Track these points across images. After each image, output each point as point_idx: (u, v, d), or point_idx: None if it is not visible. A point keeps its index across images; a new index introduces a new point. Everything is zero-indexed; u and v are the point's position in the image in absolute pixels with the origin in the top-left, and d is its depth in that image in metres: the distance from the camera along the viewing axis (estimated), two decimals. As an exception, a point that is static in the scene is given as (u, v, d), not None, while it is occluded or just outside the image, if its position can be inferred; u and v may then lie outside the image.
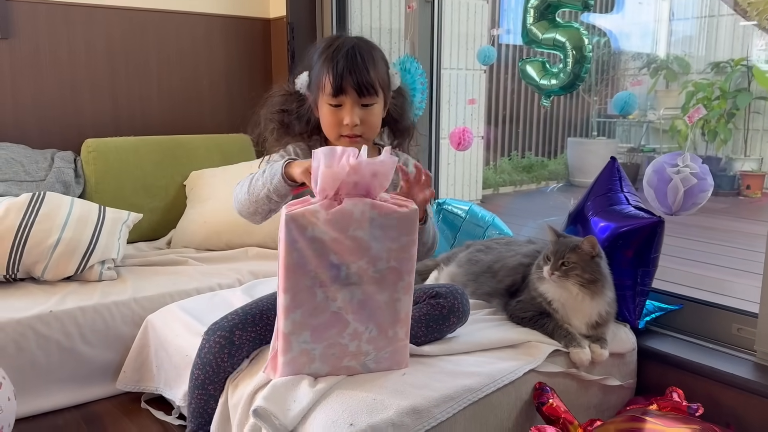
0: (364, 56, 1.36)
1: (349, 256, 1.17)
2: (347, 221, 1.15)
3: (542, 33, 1.84)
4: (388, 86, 1.46)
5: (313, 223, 1.14)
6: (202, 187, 2.56)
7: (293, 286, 1.17)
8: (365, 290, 1.20)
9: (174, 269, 2.16)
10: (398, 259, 1.20)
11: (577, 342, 1.46)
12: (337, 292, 1.19)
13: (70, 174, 2.42)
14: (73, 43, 2.58)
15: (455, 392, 1.25)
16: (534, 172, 6.21)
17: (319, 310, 1.20)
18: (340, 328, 1.23)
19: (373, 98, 1.39)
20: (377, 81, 1.38)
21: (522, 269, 1.61)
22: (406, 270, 1.21)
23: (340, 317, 1.22)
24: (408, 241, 1.19)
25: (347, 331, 1.23)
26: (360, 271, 1.19)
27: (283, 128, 1.50)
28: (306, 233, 1.14)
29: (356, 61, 1.35)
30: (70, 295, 1.86)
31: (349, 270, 1.18)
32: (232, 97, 3.01)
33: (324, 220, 1.14)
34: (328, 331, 1.22)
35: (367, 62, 1.36)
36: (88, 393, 1.83)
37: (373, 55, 1.40)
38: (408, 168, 1.38)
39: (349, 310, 1.21)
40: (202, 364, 1.37)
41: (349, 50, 1.36)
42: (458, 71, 4.49)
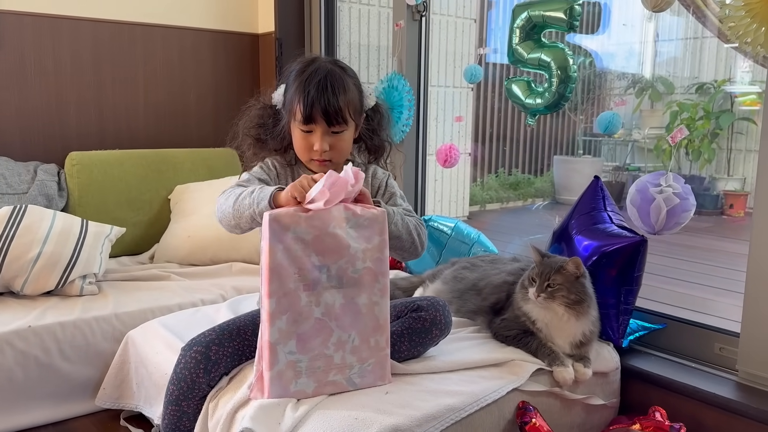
0: (335, 85, 1.38)
1: (329, 256, 1.23)
2: (327, 219, 1.22)
3: (528, 53, 1.86)
4: (360, 110, 1.48)
5: (296, 221, 1.20)
6: (186, 202, 2.54)
7: (277, 290, 1.20)
8: (346, 293, 1.25)
9: (157, 284, 2.14)
10: (373, 259, 1.27)
11: (560, 361, 1.46)
12: (320, 296, 1.23)
13: (53, 187, 2.40)
14: (59, 55, 2.56)
15: (438, 411, 1.24)
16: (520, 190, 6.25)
17: (304, 316, 1.22)
18: (324, 337, 1.24)
19: (342, 126, 1.41)
20: (347, 109, 1.40)
21: (506, 287, 1.61)
22: (381, 271, 1.27)
23: (324, 324, 1.24)
24: (380, 241, 1.27)
25: (332, 340, 1.25)
26: (340, 272, 1.24)
27: (259, 144, 1.53)
28: (288, 233, 1.20)
29: (327, 92, 1.37)
30: (50, 310, 1.83)
31: (330, 272, 1.23)
32: (218, 111, 3.00)
33: (305, 218, 1.21)
34: (314, 340, 1.24)
35: (338, 91, 1.38)
36: (66, 410, 1.80)
37: (345, 82, 1.41)
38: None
39: (332, 315, 1.24)
40: (177, 380, 1.35)
41: (321, 80, 1.38)
42: (445, 89, 4.53)
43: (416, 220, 1.45)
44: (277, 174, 1.50)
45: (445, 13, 4.55)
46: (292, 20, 2.91)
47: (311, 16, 2.94)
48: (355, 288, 1.26)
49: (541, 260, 1.50)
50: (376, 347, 1.29)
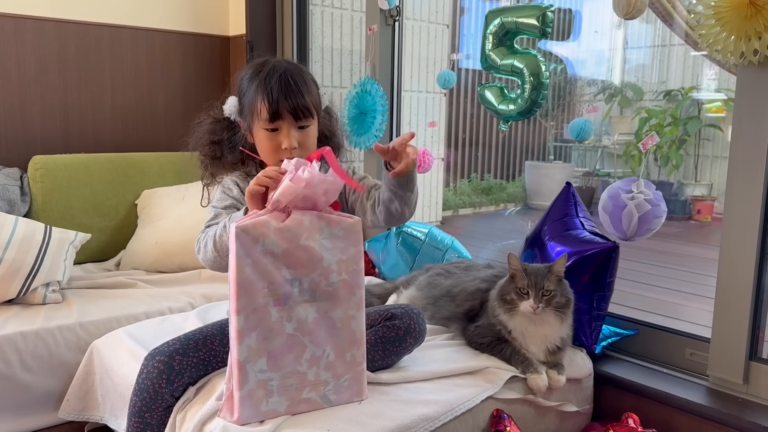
0: (296, 80, 1.37)
1: (301, 269, 1.17)
2: (298, 230, 1.16)
3: (501, 59, 1.86)
4: (320, 106, 1.47)
5: (265, 234, 1.14)
6: (154, 207, 2.49)
7: (246, 306, 1.14)
8: (320, 307, 1.20)
9: (123, 292, 2.09)
10: (348, 271, 1.21)
11: (534, 368, 1.46)
12: (292, 311, 1.18)
13: (16, 192, 2.33)
14: (22, 56, 2.49)
15: (412, 422, 1.23)
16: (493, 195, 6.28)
17: (275, 332, 1.17)
18: (297, 353, 1.19)
19: (308, 120, 1.40)
20: (311, 103, 1.39)
21: (480, 294, 1.60)
22: (356, 284, 1.22)
23: (297, 340, 1.19)
24: (356, 252, 1.21)
25: (305, 357, 1.20)
26: (313, 285, 1.19)
27: (215, 161, 1.50)
28: (257, 246, 1.14)
29: (290, 86, 1.36)
30: (11, 320, 1.77)
31: (302, 285, 1.18)
32: (188, 114, 2.91)
33: (275, 229, 1.14)
34: (285, 356, 1.19)
35: (301, 86, 1.37)
36: (28, 423, 1.74)
37: (305, 78, 1.41)
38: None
39: (306, 331, 1.19)
40: (140, 390, 1.32)
41: (282, 75, 1.36)
42: (419, 94, 4.53)
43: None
44: (241, 190, 1.46)
45: (418, 18, 4.55)
46: (263, 23, 2.87)
47: (283, 19, 2.91)
48: (329, 302, 1.21)
49: (523, 270, 1.48)
50: (352, 362, 1.25)
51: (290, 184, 1.12)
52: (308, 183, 1.13)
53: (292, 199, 1.14)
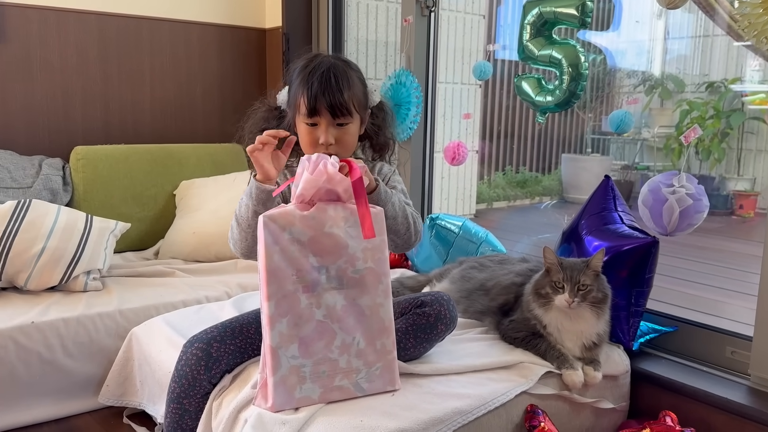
0: (338, 77, 1.37)
1: (328, 257, 1.20)
2: (323, 218, 1.20)
3: (538, 49, 1.83)
4: (365, 105, 1.46)
5: (291, 222, 1.18)
6: (192, 197, 2.53)
7: (276, 292, 1.18)
8: (347, 294, 1.22)
9: (161, 281, 2.12)
10: (374, 259, 1.23)
11: (569, 364, 1.44)
12: (320, 297, 1.20)
13: (58, 181, 2.39)
14: (64, 49, 2.55)
15: (445, 415, 1.22)
16: (528, 188, 6.20)
17: (305, 319, 1.19)
18: (327, 340, 1.21)
19: (347, 119, 1.39)
20: (351, 102, 1.38)
21: (515, 288, 1.59)
22: (383, 272, 1.24)
23: (327, 327, 1.21)
24: (380, 241, 1.23)
25: (335, 344, 1.22)
26: (340, 273, 1.21)
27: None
28: (284, 234, 1.18)
29: (330, 83, 1.36)
30: (53, 306, 1.82)
31: (329, 273, 1.21)
32: (225, 106, 2.98)
33: (300, 217, 1.18)
34: (316, 343, 1.20)
35: (341, 84, 1.37)
36: (69, 407, 1.79)
37: (348, 75, 1.40)
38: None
39: (335, 318, 1.21)
40: (178, 377, 1.34)
41: (324, 72, 1.37)
42: (453, 85, 4.49)
43: (414, 211, 1.42)
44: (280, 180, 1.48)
45: (454, 9, 4.51)
46: (299, 15, 2.89)
47: (318, 11, 2.91)
48: (356, 289, 1.23)
49: (559, 264, 1.46)
50: (383, 350, 1.26)
51: (311, 177, 1.17)
52: (329, 178, 1.17)
53: (315, 193, 1.19)
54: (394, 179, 1.51)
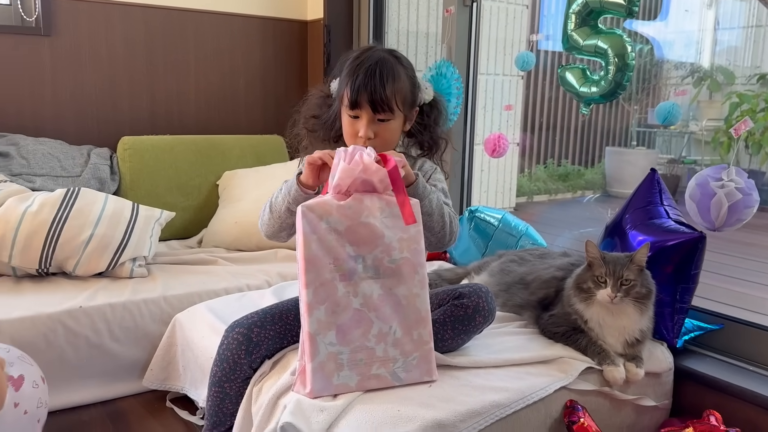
0: (384, 73, 1.36)
1: (364, 246, 1.22)
2: (359, 208, 1.22)
3: (583, 39, 1.79)
4: (411, 103, 1.45)
5: (328, 211, 1.21)
6: (234, 188, 2.57)
7: (314, 280, 1.20)
8: (384, 284, 1.24)
9: (204, 269, 2.16)
10: (410, 250, 1.25)
11: (611, 360, 1.41)
12: (357, 286, 1.22)
13: (106, 171, 2.45)
14: (112, 41, 2.61)
15: (482, 407, 1.22)
16: (570, 181, 6.10)
17: (342, 306, 1.22)
18: (364, 329, 1.23)
19: (387, 115, 1.38)
20: (394, 99, 1.38)
21: (555, 283, 1.57)
22: (419, 262, 1.26)
23: (363, 316, 1.22)
24: (416, 231, 1.25)
25: (372, 332, 1.23)
26: (376, 262, 1.23)
27: (311, 135, 1.53)
28: (322, 223, 1.21)
29: (374, 78, 1.35)
30: (100, 291, 1.87)
31: (366, 262, 1.23)
32: (266, 98, 3.01)
33: (337, 206, 1.21)
34: (353, 331, 1.22)
35: (386, 80, 1.36)
36: (114, 390, 1.84)
37: (396, 72, 1.39)
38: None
39: (371, 306, 1.23)
40: (220, 361, 1.37)
41: (371, 65, 1.36)
42: (494, 77, 4.44)
43: (452, 212, 1.41)
44: None
45: (496, 0, 4.46)
46: (341, 7, 2.89)
47: (360, 3, 2.91)
48: (392, 279, 1.24)
49: (602, 258, 1.44)
50: (420, 341, 1.26)
51: (347, 167, 1.20)
52: (365, 168, 1.20)
53: (351, 183, 1.21)
54: (435, 177, 1.50)
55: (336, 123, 1.47)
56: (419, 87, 1.46)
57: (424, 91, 1.47)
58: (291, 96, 2.98)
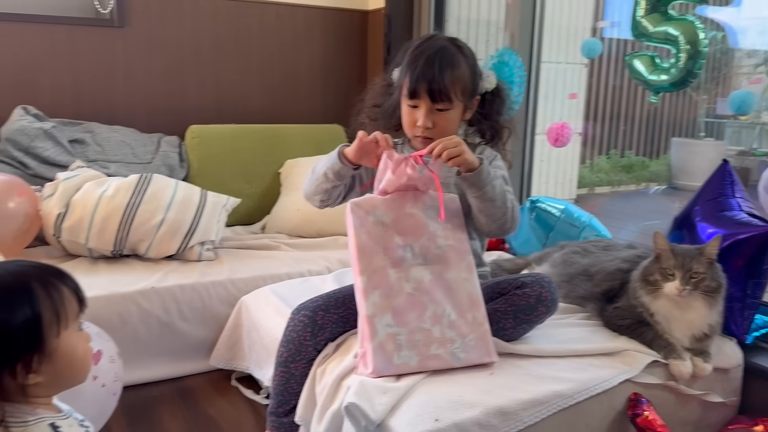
0: (443, 63, 1.36)
1: (411, 236, 1.31)
2: (402, 201, 1.32)
3: (653, 26, 1.75)
4: (471, 92, 1.44)
5: (375, 206, 1.31)
6: (296, 176, 2.62)
7: (367, 267, 1.28)
8: (433, 270, 1.30)
9: (267, 253, 2.23)
10: (455, 238, 1.33)
11: (677, 353, 1.38)
12: (408, 272, 1.29)
13: (175, 158, 2.54)
14: (181, 33, 2.69)
15: (545, 397, 1.22)
16: (634, 173, 5.93)
17: (396, 291, 1.28)
18: (419, 312, 1.27)
19: (446, 104, 1.38)
20: (453, 88, 1.37)
21: (621, 275, 1.54)
22: (464, 250, 1.33)
23: (417, 299, 1.27)
24: (458, 223, 1.34)
25: (427, 314, 1.27)
26: (424, 250, 1.31)
27: (372, 123, 1.55)
28: (369, 217, 1.30)
29: (433, 68, 1.35)
30: (171, 273, 1.95)
31: (414, 250, 1.30)
32: (327, 88, 3.05)
33: (382, 200, 1.31)
34: (409, 313, 1.27)
35: (445, 69, 1.36)
36: (182, 367, 1.92)
37: (456, 61, 1.38)
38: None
39: (423, 291, 1.28)
40: (286, 342, 1.41)
41: (431, 55, 1.36)
42: (557, 65, 4.35)
43: (513, 199, 1.39)
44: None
45: (560, -14, 4.37)
46: (402, -4, 2.89)
47: (421, -8, 2.90)
48: (441, 265, 1.30)
49: (670, 251, 1.41)
50: (474, 323, 1.29)
51: (393, 177, 1.28)
52: (409, 177, 1.28)
53: (395, 189, 1.31)
54: (496, 164, 1.48)
55: (396, 112, 1.48)
56: (480, 75, 1.45)
57: (486, 79, 1.46)
58: (351, 86, 3.01)
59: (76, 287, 0.88)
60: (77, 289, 0.88)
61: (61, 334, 0.83)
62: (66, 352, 0.84)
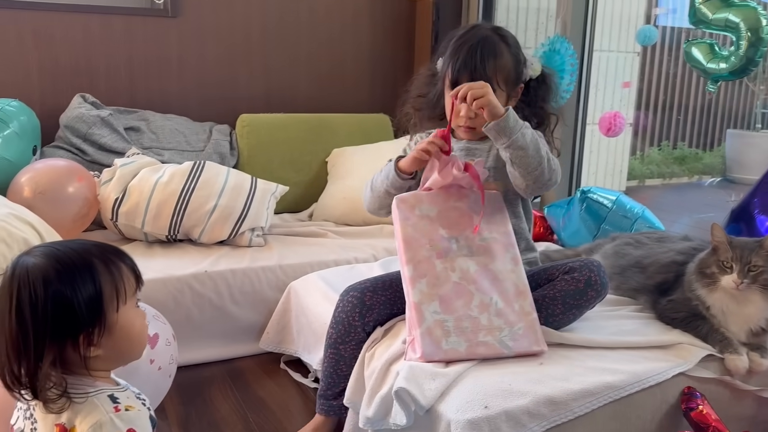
0: (485, 52, 1.36)
1: (455, 228, 1.34)
2: (447, 195, 1.36)
3: (713, 13, 1.70)
4: (515, 80, 1.43)
5: (420, 200, 1.36)
6: (342, 164, 2.64)
7: (413, 257, 1.31)
8: (479, 261, 1.32)
9: (314, 240, 2.26)
10: (499, 232, 1.35)
11: (733, 348, 1.35)
12: (453, 262, 1.31)
13: (226, 146, 2.59)
14: (232, 23, 2.74)
15: (596, 388, 1.21)
16: (686, 165, 5.76)
17: (442, 280, 1.30)
18: (466, 300, 1.29)
19: None
20: (495, 77, 1.37)
21: (675, 267, 1.51)
22: (509, 243, 1.35)
23: (463, 288, 1.29)
24: (501, 217, 1.37)
25: (474, 303, 1.29)
26: (468, 242, 1.33)
27: (417, 113, 1.56)
28: (415, 211, 1.35)
29: (474, 58, 1.36)
30: (223, 258, 2.00)
31: (459, 242, 1.33)
32: (374, 77, 3.06)
33: (426, 195, 1.36)
34: (455, 302, 1.28)
35: (487, 59, 1.36)
36: (233, 350, 1.96)
37: (498, 50, 1.38)
38: None
39: (470, 280, 1.30)
40: (336, 323, 1.44)
41: (472, 45, 1.37)
42: (608, 53, 4.26)
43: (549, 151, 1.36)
44: None
45: (614, -27, 4.26)
46: (450, -16, 2.87)
47: (470, -21, 2.88)
48: (486, 256, 1.33)
49: (728, 243, 1.37)
50: (522, 311, 1.30)
51: (439, 178, 1.32)
52: (455, 178, 1.32)
53: (441, 188, 1.35)
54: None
55: (440, 102, 1.48)
56: (524, 63, 1.44)
57: (530, 66, 1.45)
58: (398, 75, 3.01)
59: (133, 265, 0.91)
60: (134, 267, 0.91)
61: (120, 309, 0.87)
62: (124, 327, 0.87)
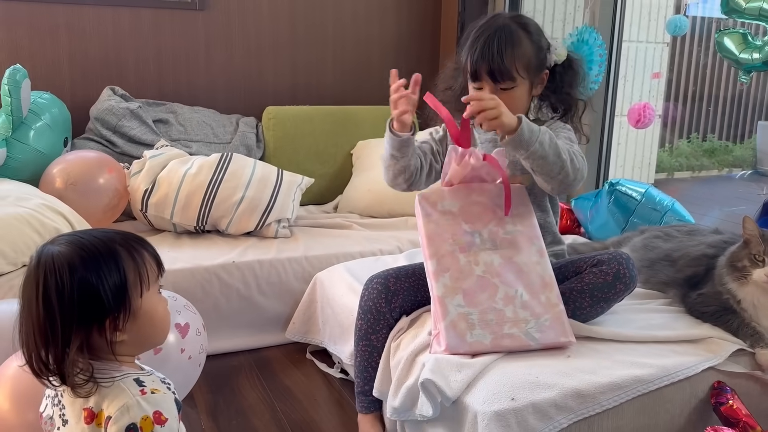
0: (501, 42, 1.34)
1: (478, 222, 1.34)
2: (469, 190, 1.36)
3: (746, 2, 1.66)
4: (537, 66, 1.41)
5: (441, 196, 1.36)
6: (367, 157, 2.64)
7: (436, 252, 1.32)
8: (503, 254, 1.32)
9: (339, 232, 2.27)
10: (523, 224, 1.34)
11: (765, 342, 1.33)
12: (477, 256, 1.31)
13: (252, 138, 2.61)
14: (258, 16, 2.75)
15: (624, 381, 1.20)
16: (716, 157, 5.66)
17: (465, 273, 1.30)
18: (490, 293, 1.28)
19: (509, 83, 1.36)
20: (515, 66, 1.35)
21: (706, 261, 1.49)
22: (534, 235, 1.34)
23: (487, 281, 1.29)
24: (525, 210, 1.36)
25: (498, 296, 1.28)
26: (492, 235, 1.33)
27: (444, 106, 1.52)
28: (437, 207, 1.35)
29: (491, 48, 1.34)
30: (250, 249, 2.02)
31: (482, 236, 1.33)
32: (399, 70, 3.00)
33: (448, 191, 1.36)
34: (479, 295, 1.28)
35: (504, 49, 1.34)
36: (260, 339, 1.99)
37: (516, 38, 1.36)
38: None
39: (494, 273, 1.30)
40: (363, 313, 1.44)
41: (490, 35, 1.35)
42: (637, 44, 4.19)
43: (571, 147, 1.33)
44: (444, 137, 1.52)
45: (643, -37, 4.19)
46: (477, -26, 2.85)
47: (497, -30, 2.86)
48: (510, 249, 1.32)
49: (761, 236, 1.35)
50: (548, 303, 1.29)
51: (457, 168, 1.31)
52: (473, 168, 1.31)
53: (461, 180, 1.35)
54: (559, 125, 1.44)
55: (464, 94, 1.47)
56: (548, 49, 1.42)
57: (555, 51, 1.43)
58: (423, 67, 2.97)
59: (154, 252, 0.93)
60: (156, 255, 0.93)
61: (144, 295, 0.89)
62: (148, 312, 0.89)
